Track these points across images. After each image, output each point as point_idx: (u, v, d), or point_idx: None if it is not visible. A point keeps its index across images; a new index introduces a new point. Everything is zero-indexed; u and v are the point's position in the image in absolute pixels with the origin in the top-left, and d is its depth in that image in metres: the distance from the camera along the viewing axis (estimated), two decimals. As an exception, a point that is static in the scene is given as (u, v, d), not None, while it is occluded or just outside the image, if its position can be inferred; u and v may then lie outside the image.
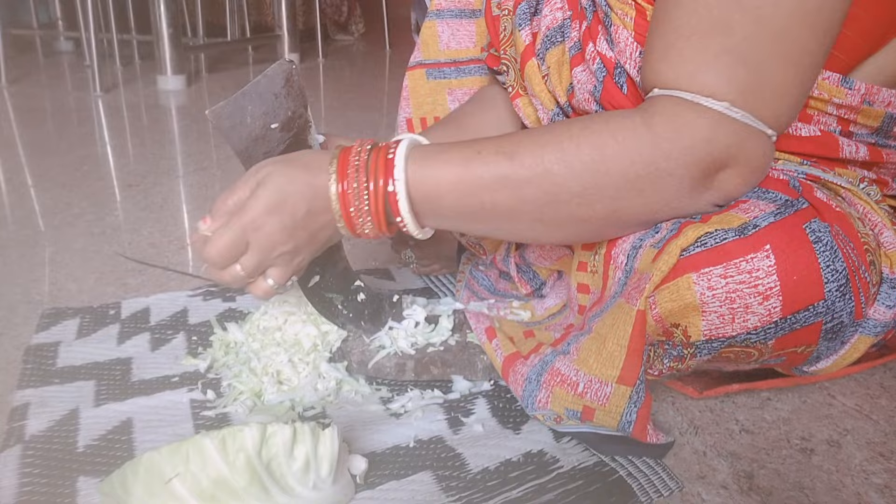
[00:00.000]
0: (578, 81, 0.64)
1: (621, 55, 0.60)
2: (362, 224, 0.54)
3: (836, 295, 0.49)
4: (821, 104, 0.56)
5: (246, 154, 0.58)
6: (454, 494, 0.53)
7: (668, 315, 0.51)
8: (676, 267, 0.50)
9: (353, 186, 0.53)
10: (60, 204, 1.19)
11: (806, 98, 0.55)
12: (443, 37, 0.85)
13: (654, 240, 0.54)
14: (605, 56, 0.62)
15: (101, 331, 0.76)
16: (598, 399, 0.53)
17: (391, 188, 0.53)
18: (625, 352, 0.52)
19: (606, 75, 0.62)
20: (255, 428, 0.47)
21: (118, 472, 0.47)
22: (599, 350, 0.53)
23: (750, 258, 0.48)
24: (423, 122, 0.84)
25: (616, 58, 0.61)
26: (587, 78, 0.64)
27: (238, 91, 0.56)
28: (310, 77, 2.59)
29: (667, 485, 0.54)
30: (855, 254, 0.51)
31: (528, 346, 0.62)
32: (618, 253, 0.57)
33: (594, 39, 0.63)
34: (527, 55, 0.69)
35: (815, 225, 0.49)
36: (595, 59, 0.62)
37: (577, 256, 0.64)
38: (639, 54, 0.59)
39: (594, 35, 0.63)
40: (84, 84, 2.32)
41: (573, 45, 0.65)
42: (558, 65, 0.67)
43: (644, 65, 0.55)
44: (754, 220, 0.49)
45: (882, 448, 0.61)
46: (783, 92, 0.51)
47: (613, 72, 0.61)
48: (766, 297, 0.48)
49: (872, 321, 0.56)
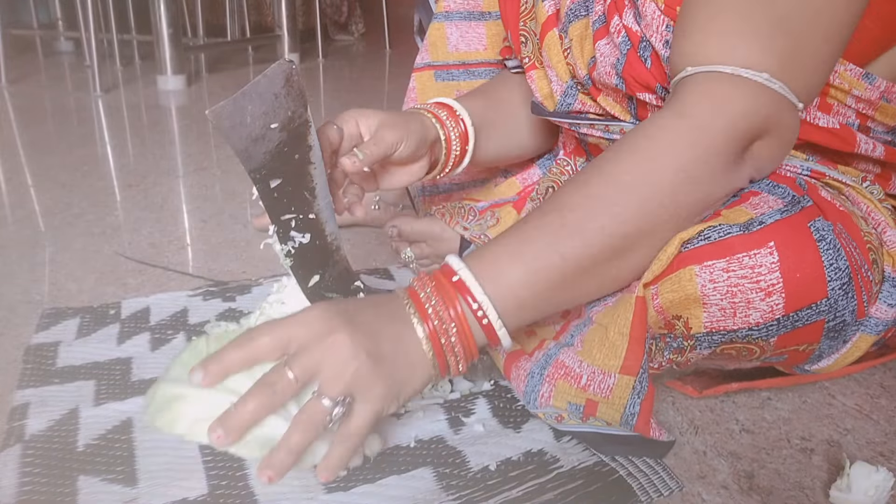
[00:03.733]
0: (601, 54, 0.64)
1: (648, 29, 0.60)
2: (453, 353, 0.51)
3: (838, 293, 0.49)
4: (841, 94, 0.57)
5: (246, 154, 0.58)
6: (454, 493, 0.53)
7: (669, 306, 0.51)
8: (679, 259, 0.50)
9: (437, 319, 0.50)
10: (60, 204, 1.19)
11: (828, 77, 0.55)
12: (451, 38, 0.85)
13: None
14: (630, 29, 0.62)
15: (101, 331, 0.76)
16: (602, 391, 0.53)
17: (474, 306, 0.50)
18: (626, 340, 0.52)
19: (630, 49, 0.61)
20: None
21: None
22: (602, 341, 0.53)
23: (753, 254, 0.48)
24: None
25: (642, 32, 0.61)
26: (610, 51, 0.64)
27: (238, 91, 0.56)
28: (310, 77, 2.59)
29: (667, 484, 0.54)
30: (858, 253, 0.51)
31: (530, 343, 0.62)
32: None
33: (620, 13, 0.62)
34: (548, 26, 0.69)
35: (819, 223, 0.50)
36: (620, 32, 0.62)
37: None
38: (665, 28, 0.59)
39: (620, 8, 0.63)
40: (84, 84, 2.32)
41: (597, 19, 0.65)
42: (580, 38, 0.67)
43: (677, 42, 0.55)
44: (761, 217, 0.50)
45: (882, 448, 0.61)
46: (816, 66, 0.52)
47: (638, 46, 0.61)
48: (769, 294, 0.48)
49: (874, 320, 0.56)
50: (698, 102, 0.50)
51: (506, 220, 0.82)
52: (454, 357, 0.51)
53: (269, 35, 3.10)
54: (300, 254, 0.62)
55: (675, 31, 0.56)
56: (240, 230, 1.09)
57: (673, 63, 0.55)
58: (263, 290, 0.85)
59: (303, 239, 0.62)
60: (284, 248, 0.62)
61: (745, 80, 0.50)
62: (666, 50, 0.59)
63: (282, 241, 0.62)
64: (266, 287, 0.86)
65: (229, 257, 0.98)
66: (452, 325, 0.50)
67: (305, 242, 0.62)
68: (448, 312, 0.50)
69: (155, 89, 2.26)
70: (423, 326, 0.50)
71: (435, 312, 0.50)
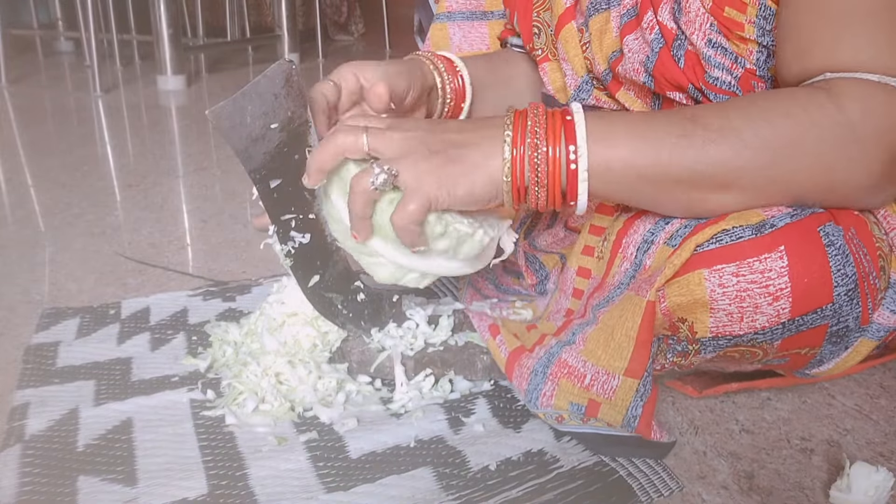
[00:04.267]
0: (630, 50, 0.63)
1: (689, 25, 0.58)
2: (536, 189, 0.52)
3: (844, 299, 0.49)
4: None
5: (246, 154, 0.58)
6: (454, 493, 0.53)
7: (676, 309, 0.51)
8: (689, 261, 0.50)
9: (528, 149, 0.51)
10: (60, 204, 1.19)
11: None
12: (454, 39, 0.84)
13: (666, 234, 0.54)
14: (665, 26, 0.60)
15: (101, 331, 0.76)
16: (605, 392, 0.53)
17: (572, 147, 0.50)
18: (633, 343, 0.52)
19: (663, 46, 0.60)
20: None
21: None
22: (607, 341, 0.53)
23: (763, 258, 0.48)
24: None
25: (679, 29, 0.59)
26: (639, 47, 0.62)
27: (238, 91, 0.56)
28: (310, 77, 2.59)
29: (667, 485, 0.54)
30: (867, 259, 0.51)
31: (531, 338, 0.62)
32: (628, 244, 0.57)
33: (656, 7, 0.61)
34: (565, 18, 0.68)
35: (829, 228, 0.49)
36: (653, 27, 0.61)
37: (583, 240, 0.64)
38: (710, 27, 0.57)
39: (656, 3, 0.61)
40: (84, 84, 2.32)
41: (626, 12, 0.64)
42: (600, 32, 0.66)
43: (803, 51, 0.52)
44: (772, 220, 0.49)
45: (882, 448, 0.61)
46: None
47: (672, 43, 0.59)
48: (777, 298, 0.48)
49: (876, 325, 0.56)
50: (853, 103, 0.48)
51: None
52: (536, 185, 0.51)
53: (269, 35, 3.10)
54: (300, 254, 0.62)
55: (782, 34, 0.54)
56: (240, 230, 1.09)
57: (797, 71, 0.53)
58: (263, 290, 0.85)
59: (303, 239, 0.62)
60: (284, 248, 0.62)
61: (894, 90, 0.48)
62: (708, 49, 0.57)
63: (282, 241, 0.61)
64: (266, 287, 0.86)
65: (229, 257, 0.98)
66: (544, 149, 0.51)
67: (305, 242, 0.62)
68: (545, 138, 0.51)
69: (155, 89, 2.26)
70: (510, 144, 0.51)
71: (532, 133, 0.51)
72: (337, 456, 0.57)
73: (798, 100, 0.50)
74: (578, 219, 0.68)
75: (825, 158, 0.48)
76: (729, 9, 0.56)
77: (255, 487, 0.53)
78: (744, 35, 0.56)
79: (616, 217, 0.61)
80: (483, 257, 0.59)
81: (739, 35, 0.56)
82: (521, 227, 0.77)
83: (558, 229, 0.72)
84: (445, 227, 0.54)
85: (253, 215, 1.12)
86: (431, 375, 0.66)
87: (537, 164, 0.51)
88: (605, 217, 0.64)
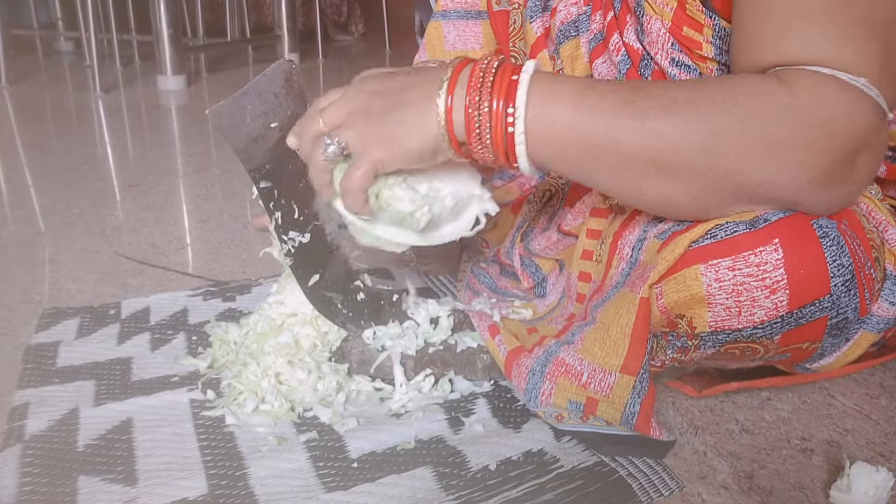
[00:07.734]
0: (599, 73, 0.64)
1: (652, 45, 0.59)
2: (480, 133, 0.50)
3: (841, 290, 0.49)
4: None
5: (246, 154, 0.58)
6: (454, 493, 0.53)
7: (673, 305, 0.51)
8: (684, 257, 0.50)
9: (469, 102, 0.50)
10: (60, 204, 1.19)
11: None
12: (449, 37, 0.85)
13: (657, 230, 0.54)
14: (630, 47, 0.61)
15: (101, 331, 0.76)
16: (602, 389, 0.53)
17: (510, 109, 0.49)
18: (628, 340, 0.52)
19: (630, 67, 0.61)
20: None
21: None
22: (603, 339, 0.53)
23: (759, 251, 0.48)
24: None
25: (644, 49, 0.60)
26: (608, 69, 0.63)
27: (238, 91, 0.56)
28: (310, 77, 2.59)
29: (667, 485, 0.54)
30: (861, 250, 0.51)
31: (531, 340, 0.62)
32: (624, 244, 0.57)
33: (621, 30, 0.62)
34: (537, 47, 0.69)
35: (822, 221, 0.49)
36: (619, 50, 0.62)
37: (582, 244, 0.64)
38: (671, 46, 0.58)
39: (622, 26, 0.62)
40: (84, 84, 2.32)
41: (593, 38, 0.65)
42: (571, 59, 0.67)
43: (753, 49, 0.51)
44: (765, 214, 0.49)
45: (882, 448, 0.61)
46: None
47: (639, 64, 0.60)
48: (773, 291, 0.48)
49: (876, 317, 0.56)
50: (805, 91, 0.46)
51: (503, 224, 0.82)
52: (478, 142, 0.50)
53: (269, 35, 3.10)
54: (300, 253, 0.62)
55: (736, 32, 0.53)
56: (240, 230, 1.09)
57: (751, 66, 0.52)
58: (263, 290, 0.85)
59: (302, 238, 0.62)
60: (284, 248, 0.62)
61: (847, 84, 0.46)
62: (673, 67, 0.58)
63: (281, 240, 0.62)
64: (266, 287, 0.86)
65: (229, 257, 0.98)
66: (485, 106, 0.49)
67: (305, 242, 0.62)
68: (490, 93, 0.49)
69: (155, 89, 2.26)
70: (444, 96, 0.50)
71: (475, 87, 0.49)
72: (337, 456, 0.57)
73: (748, 83, 0.48)
74: (571, 222, 0.69)
75: (771, 144, 0.46)
76: (687, 28, 0.57)
77: (255, 487, 0.53)
78: (703, 54, 0.57)
79: (612, 220, 0.62)
80: (443, 229, 0.58)
81: (699, 54, 0.57)
82: (518, 231, 0.77)
83: (552, 233, 0.72)
84: (386, 198, 0.54)
85: (253, 215, 1.12)
86: (431, 375, 0.66)
87: (478, 118, 0.49)
88: (601, 220, 0.64)
